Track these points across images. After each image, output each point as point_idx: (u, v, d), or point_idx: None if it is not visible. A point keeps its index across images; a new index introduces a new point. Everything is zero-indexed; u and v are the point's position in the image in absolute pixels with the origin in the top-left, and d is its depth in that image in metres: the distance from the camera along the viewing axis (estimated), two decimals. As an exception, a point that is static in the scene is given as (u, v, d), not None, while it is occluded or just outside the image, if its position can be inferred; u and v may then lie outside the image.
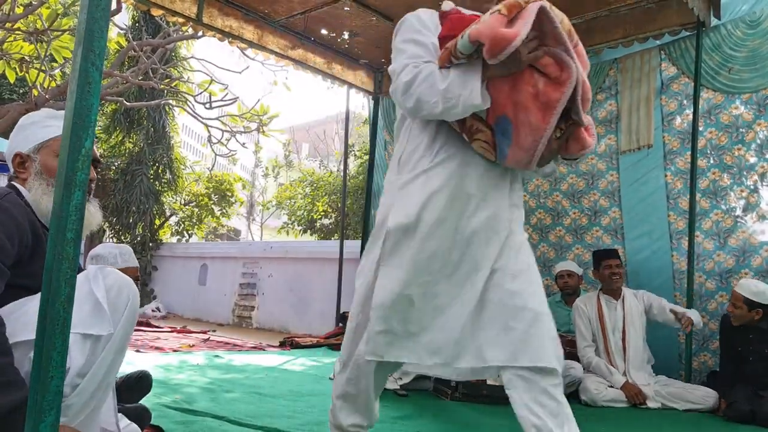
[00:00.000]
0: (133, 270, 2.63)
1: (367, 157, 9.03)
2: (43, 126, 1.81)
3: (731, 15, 4.80)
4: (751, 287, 3.76)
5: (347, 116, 7.79)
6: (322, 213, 12.52)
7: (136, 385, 2.62)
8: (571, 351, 4.54)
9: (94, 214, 1.85)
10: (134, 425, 1.94)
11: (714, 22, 4.79)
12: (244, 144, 11.70)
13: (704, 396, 3.90)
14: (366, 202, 7.42)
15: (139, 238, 11.82)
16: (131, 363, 4.25)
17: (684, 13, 4.68)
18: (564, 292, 5.06)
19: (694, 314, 3.97)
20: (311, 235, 13.11)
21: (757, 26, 4.63)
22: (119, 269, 2.55)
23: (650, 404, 3.96)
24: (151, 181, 12.03)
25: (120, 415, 1.90)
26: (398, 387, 3.91)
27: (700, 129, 4.81)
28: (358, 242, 7.73)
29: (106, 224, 12.23)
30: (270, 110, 10.94)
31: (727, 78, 4.78)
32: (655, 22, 4.91)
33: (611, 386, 4.04)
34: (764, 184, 4.65)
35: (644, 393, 3.97)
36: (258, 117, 10.79)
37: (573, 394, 4.07)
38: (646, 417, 3.68)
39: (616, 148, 5.39)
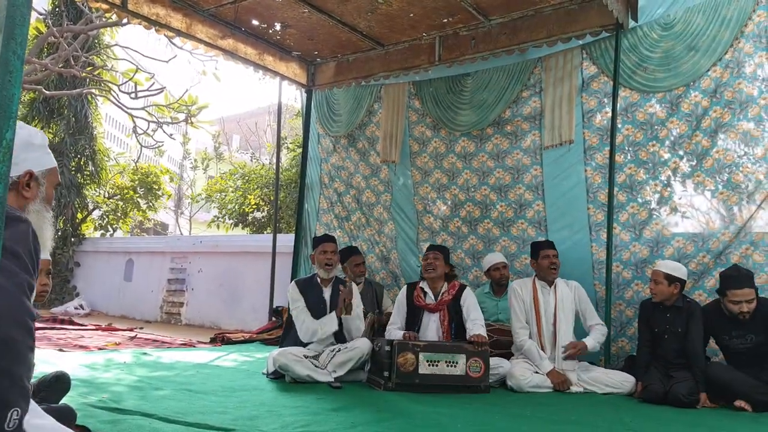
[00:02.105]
0: (45, 262, 2.54)
1: (299, 149, 8.99)
2: (48, 153, 1.79)
3: (647, 17, 5.07)
4: (669, 264, 4.14)
5: (279, 108, 7.72)
6: (254, 206, 12.32)
7: (53, 385, 2.53)
8: (498, 339, 4.71)
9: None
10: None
11: (631, 24, 5.05)
12: (171, 135, 11.39)
13: (622, 380, 4.16)
14: (299, 195, 7.39)
15: (60, 233, 11.29)
16: (53, 363, 4.09)
17: (604, 15, 4.91)
18: (499, 282, 5.22)
19: (589, 342, 4.29)
20: (243, 228, 12.90)
21: (671, 28, 4.92)
22: None
23: (573, 389, 4.17)
24: (73, 173, 11.50)
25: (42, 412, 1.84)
26: (332, 379, 3.94)
27: (618, 126, 5.06)
28: (291, 236, 7.69)
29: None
30: (199, 101, 10.69)
31: (642, 77, 5.05)
32: (578, 22, 5.13)
33: (537, 372, 4.22)
34: (677, 178, 4.95)
35: (569, 380, 4.17)
36: (186, 107, 10.51)
37: (500, 382, 4.23)
38: (569, 400, 3.86)
39: (539, 143, 5.60)
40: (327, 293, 4.39)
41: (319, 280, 4.43)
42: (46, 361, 4.14)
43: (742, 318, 3.76)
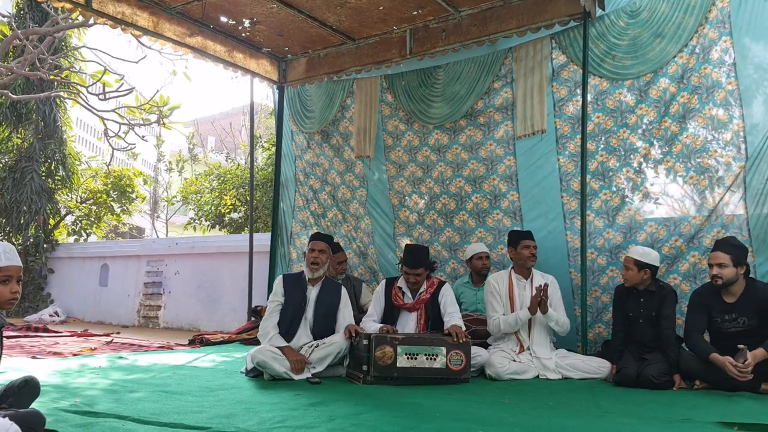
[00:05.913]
0: (16, 269, 2.48)
1: (275, 148, 8.91)
2: None
3: (614, 5, 5.12)
4: (639, 250, 4.15)
5: (251, 106, 7.65)
6: (231, 207, 12.21)
7: (21, 391, 2.47)
8: (476, 329, 4.73)
9: None
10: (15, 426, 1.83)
11: (599, 12, 5.09)
12: (144, 137, 11.22)
13: (599, 366, 4.22)
14: (275, 193, 7.33)
15: (32, 240, 11.08)
16: (25, 371, 4.01)
17: (572, 4, 4.95)
18: (480, 272, 5.23)
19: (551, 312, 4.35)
20: (220, 229, 12.78)
21: (637, 16, 4.97)
22: (1, 267, 2.41)
23: (550, 376, 4.21)
24: (43, 178, 11.29)
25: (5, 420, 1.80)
26: (311, 375, 3.92)
27: (589, 114, 5.10)
28: (268, 235, 7.63)
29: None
30: (170, 101, 10.56)
31: (611, 65, 5.10)
32: (546, 12, 5.15)
33: (514, 360, 4.25)
34: (648, 164, 5.01)
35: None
36: (158, 108, 10.38)
37: (479, 371, 4.25)
38: (546, 386, 3.90)
39: (512, 134, 5.62)
40: (313, 292, 4.31)
41: (306, 278, 4.38)
42: (18, 368, 4.06)
43: (714, 283, 3.75)
